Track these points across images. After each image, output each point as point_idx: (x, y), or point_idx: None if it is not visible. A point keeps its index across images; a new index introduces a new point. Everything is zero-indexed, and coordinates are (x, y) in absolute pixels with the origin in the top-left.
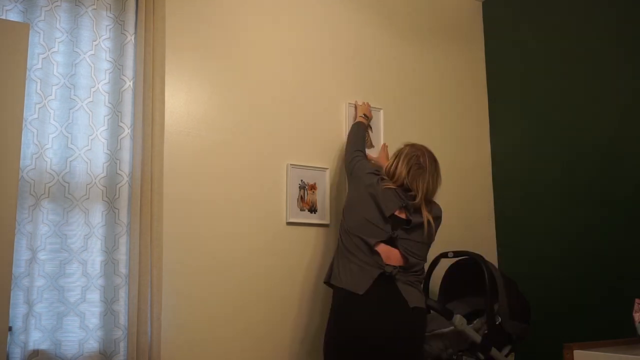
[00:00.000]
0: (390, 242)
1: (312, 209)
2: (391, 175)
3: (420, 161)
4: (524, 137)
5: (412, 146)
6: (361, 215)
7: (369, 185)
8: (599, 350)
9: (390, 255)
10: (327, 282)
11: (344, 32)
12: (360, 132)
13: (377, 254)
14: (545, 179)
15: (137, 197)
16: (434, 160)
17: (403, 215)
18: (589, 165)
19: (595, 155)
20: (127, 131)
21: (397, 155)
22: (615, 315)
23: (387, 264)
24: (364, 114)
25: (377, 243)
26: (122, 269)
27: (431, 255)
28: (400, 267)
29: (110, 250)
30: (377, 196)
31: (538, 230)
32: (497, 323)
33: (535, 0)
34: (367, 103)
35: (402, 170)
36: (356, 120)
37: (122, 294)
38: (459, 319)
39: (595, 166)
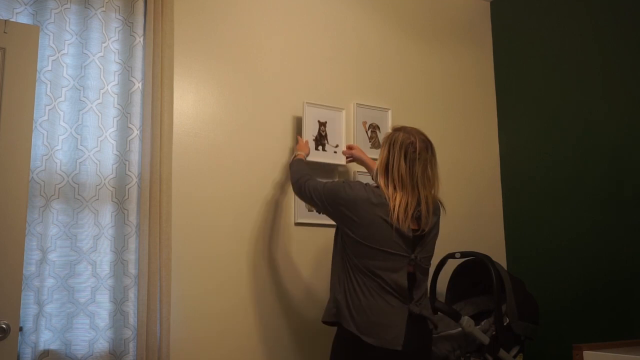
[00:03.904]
0: None
1: (319, 210)
2: None
3: None
4: (532, 136)
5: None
6: None
7: None
8: (608, 351)
9: None
10: None
11: (352, 33)
12: (302, 165)
13: None
14: (554, 178)
15: (146, 198)
16: None
17: None
18: (599, 163)
19: (604, 154)
20: (136, 132)
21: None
22: (625, 316)
23: None
24: (298, 152)
25: None
26: (132, 270)
27: (438, 255)
28: None
29: (119, 250)
30: None
31: (547, 230)
32: (505, 324)
33: None
34: (302, 139)
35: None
36: (295, 158)
37: (132, 294)
38: (466, 321)
39: (605, 164)
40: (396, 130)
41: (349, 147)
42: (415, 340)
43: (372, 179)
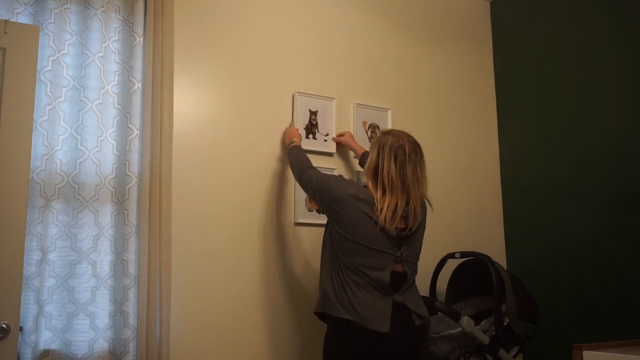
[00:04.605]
0: None
1: (320, 210)
2: None
3: None
4: (532, 137)
5: None
6: None
7: None
8: (608, 351)
9: None
10: None
11: (352, 33)
12: (301, 152)
13: None
14: (553, 179)
15: (146, 198)
16: None
17: None
18: (598, 164)
19: (604, 154)
20: (136, 132)
21: None
22: (625, 316)
23: None
24: (295, 139)
25: None
26: (132, 270)
27: (438, 255)
28: None
29: (119, 250)
30: None
31: (547, 230)
32: (505, 324)
33: None
34: (294, 126)
35: None
36: (292, 145)
37: (132, 294)
38: (466, 321)
39: (605, 165)
40: (384, 133)
41: (340, 135)
42: (400, 329)
43: (359, 163)
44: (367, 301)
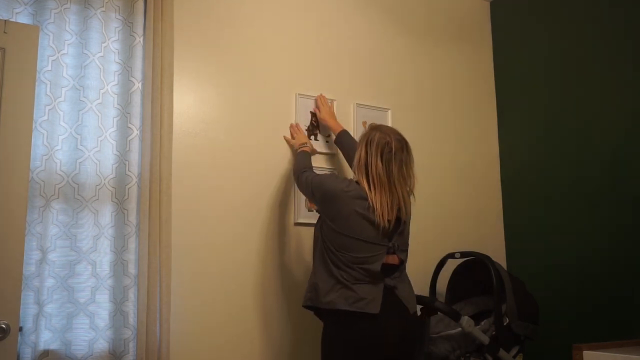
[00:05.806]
0: None
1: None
2: None
3: None
4: (532, 137)
5: None
6: None
7: None
8: (608, 351)
9: None
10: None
11: (352, 33)
12: (307, 159)
13: None
14: (554, 179)
15: (146, 198)
16: None
17: None
18: (598, 163)
19: (604, 154)
20: (135, 132)
21: None
22: (624, 316)
23: None
24: (303, 143)
25: None
26: (132, 270)
27: (438, 255)
28: None
29: (119, 250)
30: None
31: (547, 231)
32: (504, 324)
33: None
34: (297, 124)
35: None
36: (300, 150)
37: (131, 294)
38: (466, 321)
39: (604, 165)
40: (372, 129)
41: (317, 107)
42: (391, 312)
43: (334, 142)
44: (360, 292)
